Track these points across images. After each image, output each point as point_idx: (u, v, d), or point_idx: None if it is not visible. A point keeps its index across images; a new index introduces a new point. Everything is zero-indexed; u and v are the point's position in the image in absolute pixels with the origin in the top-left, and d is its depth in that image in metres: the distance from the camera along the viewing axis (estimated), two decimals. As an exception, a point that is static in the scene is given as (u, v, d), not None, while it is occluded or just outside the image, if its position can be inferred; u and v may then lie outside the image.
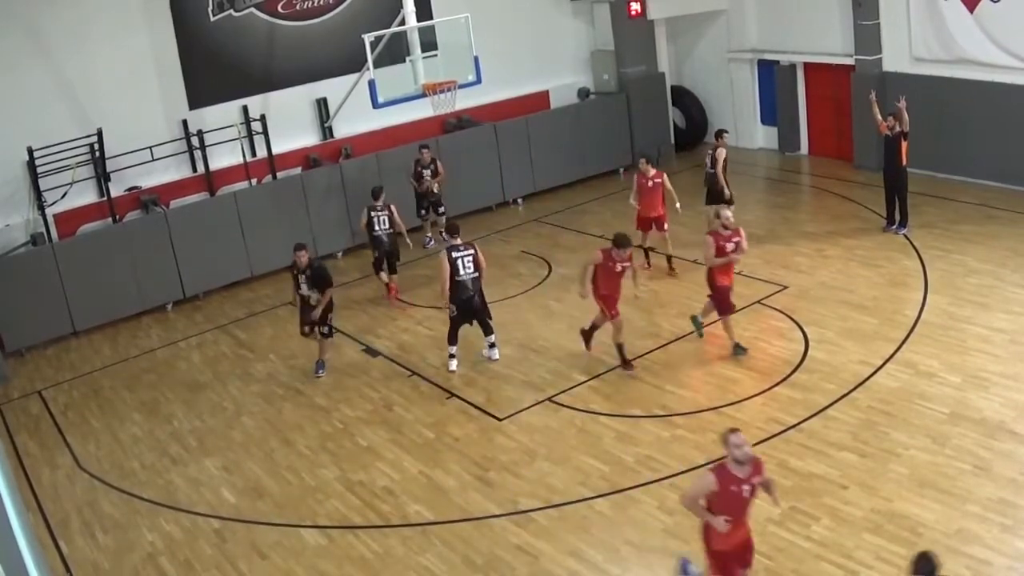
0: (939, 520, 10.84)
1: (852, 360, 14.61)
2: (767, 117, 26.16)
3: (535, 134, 23.70)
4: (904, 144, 18.25)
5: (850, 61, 23.17)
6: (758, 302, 16.93)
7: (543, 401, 14.58)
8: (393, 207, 18.53)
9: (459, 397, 14.67)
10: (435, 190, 20.91)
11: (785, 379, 14.36)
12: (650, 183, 18.14)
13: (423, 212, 21.04)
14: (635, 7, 24.39)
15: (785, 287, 17.37)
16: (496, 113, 23.73)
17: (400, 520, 12.07)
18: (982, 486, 11.33)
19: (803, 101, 25.12)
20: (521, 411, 14.38)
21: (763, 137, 26.34)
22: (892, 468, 11.93)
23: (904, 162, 18.39)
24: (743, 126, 26.40)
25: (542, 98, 25.10)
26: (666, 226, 18.34)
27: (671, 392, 14.44)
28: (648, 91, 25.48)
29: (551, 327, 17.03)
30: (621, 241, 14.41)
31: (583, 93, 25.63)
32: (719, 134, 19.34)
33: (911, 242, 18.50)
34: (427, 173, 20.73)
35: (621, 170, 25.09)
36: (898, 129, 18.05)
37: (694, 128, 26.94)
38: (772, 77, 25.42)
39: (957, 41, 20.99)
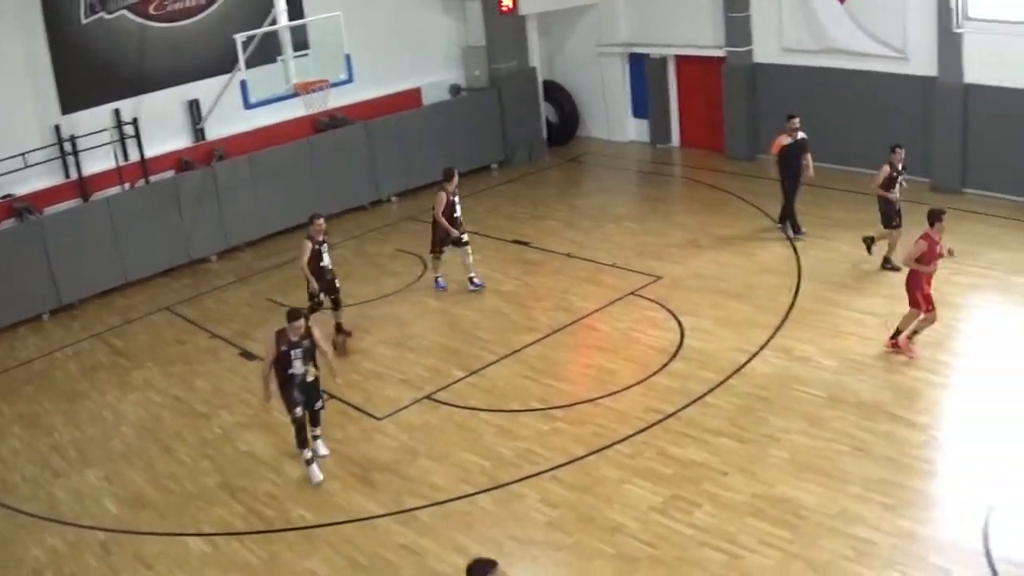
0: (821, 502, 10.77)
1: (728, 347, 14.54)
2: (638, 110, 26.12)
3: (408, 131, 23.29)
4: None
5: (721, 53, 23.26)
6: (632, 293, 16.76)
7: (421, 399, 14.21)
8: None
9: (338, 399, 14.14)
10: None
11: (662, 368, 14.20)
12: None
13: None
14: (506, 3, 24.08)
15: (659, 277, 17.25)
16: (369, 111, 23.25)
17: (284, 524, 11.65)
18: (862, 467, 11.31)
19: (674, 93, 25.15)
20: (400, 410, 13.97)
21: (635, 130, 26.29)
22: (772, 453, 11.85)
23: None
24: (614, 120, 26.36)
25: (414, 95, 24.67)
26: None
27: (549, 385, 14.17)
28: (520, 86, 25.23)
29: (427, 324, 16.65)
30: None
31: (455, 90, 25.29)
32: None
33: (784, 230, 18.52)
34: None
35: (494, 166, 24.80)
36: (802, 135, 17.89)
37: (566, 123, 26.78)
38: (643, 70, 25.40)
39: (827, 31, 21.20)
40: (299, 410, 12.17)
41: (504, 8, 24.09)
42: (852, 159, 20.81)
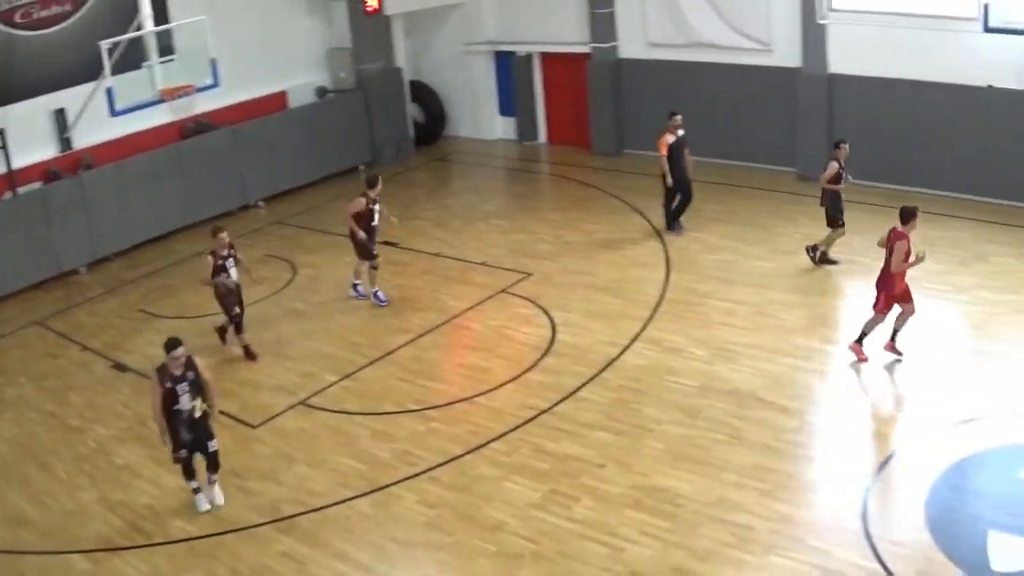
0: (698, 491, 10.79)
1: (599, 341, 14.51)
2: (505, 108, 26.04)
3: (274, 135, 22.79)
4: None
5: (586, 49, 23.30)
6: (503, 291, 16.63)
7: (296, 405, 13.84)
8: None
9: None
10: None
11: (535, 365, 14.10)
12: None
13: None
14: (371, 3, 23.70)
15: (529, 275, 17.16)
16: (235, 115, 22.68)
17: (164, 538, 11.22)
18: (737, 454, 11.37)
19: (540, 91, 25.13)
20: (275, 417, 13.59)
21: (502, 128, 26.20)
22: (647, 444, 11.83)
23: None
24: (482, 118, 26.21)
25: (280, 99, 24.16)
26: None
27: (423, 386, 13.95)
28: (386, 87, 24.91)
29: (300, 329, 16.22)
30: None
31: (321, 92, 24.84)
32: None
33: (651, 223, 18.62)
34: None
35: (361, 167, 24.43)
36: (682, 132, 17.88)
37: (433, 122, 26.56)
38: (509, 68, 25.32)
39: (693, 25, 21.42)
40: (184, 452, 11.37)
41: (369, 9, 23.70)
42: (720, 151, 21.06)
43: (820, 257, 16.41)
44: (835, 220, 16.31)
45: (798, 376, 13.16)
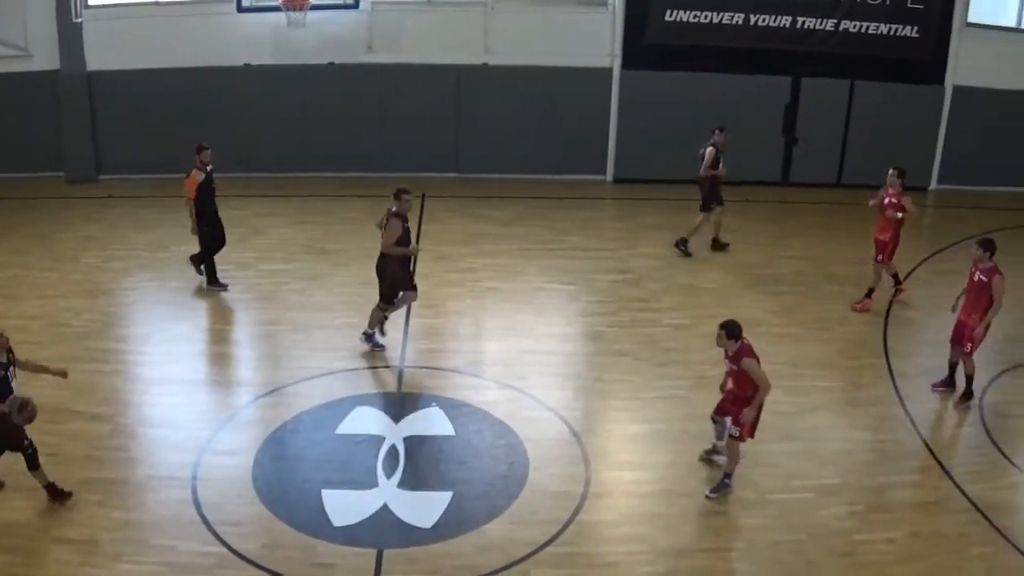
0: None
1: None
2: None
3: None
4: None
5: None
6: None
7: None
8: None
9: None
10: None
11: None
12: None
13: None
14: None
15: None
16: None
17: None
18: (56, 471, 10.72)
19: None
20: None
21: None
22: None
23: None
24: None
25: None
26: None
27: None
28: None
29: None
30: None
31: None
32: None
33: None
34: None
35: None
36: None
37: None
38: None
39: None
40: None
41: None
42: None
43: (713, 244, 17.78)
44: (708, 204, 17.35)
45: (100, 380, 13.16)
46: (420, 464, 11.58)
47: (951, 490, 11.49)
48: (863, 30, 20.35)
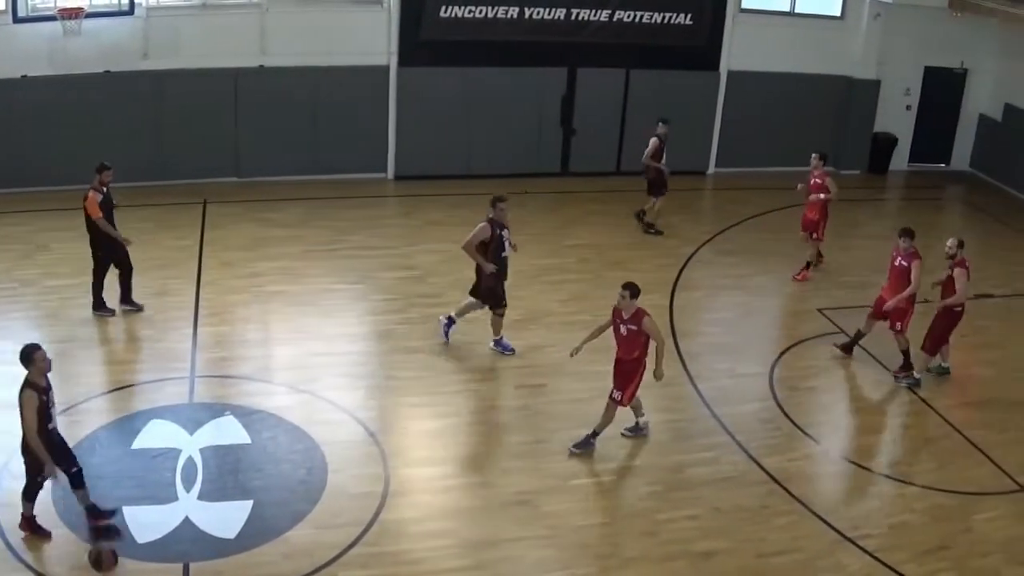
0: None
1: None
2: None
3: None
4: None
5: None
6: None
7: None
8: None
9: None
10: None
11: None
12: None
13: None
14: None
15: None
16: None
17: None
18: None
19: None
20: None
21: None
22: None
23: None
24: None
25: None
26: None
27: None
28: None
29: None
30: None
31: None
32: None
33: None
34: None
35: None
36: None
37: None
38: None
39: None
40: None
41: None
42: None
43: (645, 228, 18.67)
44: (659, 189, 18.34)
45: None
46: (218, 474, 11.11)
47: (748, 464, 11.78)
48: (638, 19, 20.68)
